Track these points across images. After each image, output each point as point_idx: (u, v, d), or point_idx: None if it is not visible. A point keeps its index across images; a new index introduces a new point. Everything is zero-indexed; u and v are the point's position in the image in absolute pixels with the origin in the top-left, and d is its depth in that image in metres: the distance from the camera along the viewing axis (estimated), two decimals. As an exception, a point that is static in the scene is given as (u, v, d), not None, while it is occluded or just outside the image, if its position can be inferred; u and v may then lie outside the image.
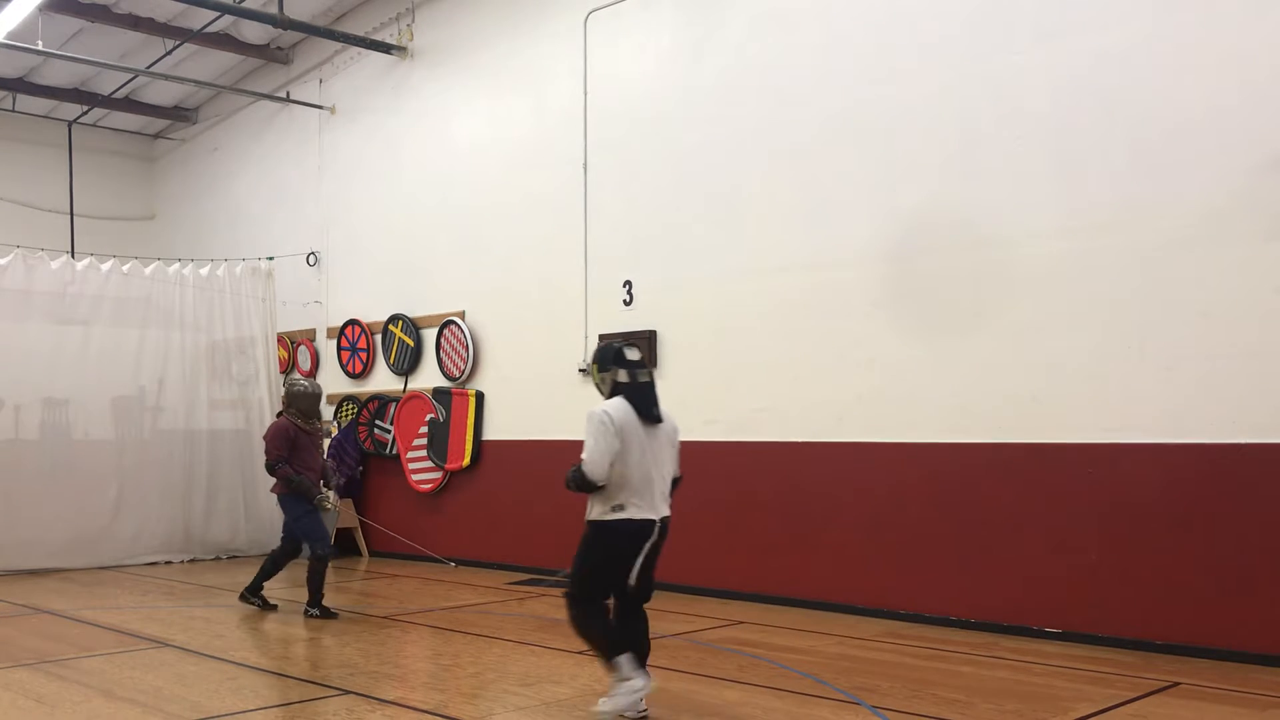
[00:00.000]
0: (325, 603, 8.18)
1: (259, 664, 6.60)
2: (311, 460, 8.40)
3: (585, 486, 5.14)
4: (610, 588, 5.21)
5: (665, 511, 5.22)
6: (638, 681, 4.97)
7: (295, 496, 8.26)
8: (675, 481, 5.40)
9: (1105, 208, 6.82)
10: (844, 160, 8.11)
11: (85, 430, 11.58)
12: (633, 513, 5.09)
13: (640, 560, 5.13)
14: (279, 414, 8.57)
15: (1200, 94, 6.46)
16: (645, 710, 5.06)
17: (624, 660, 5.01)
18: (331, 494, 8.41)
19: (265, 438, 8.40)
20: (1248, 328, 6.27)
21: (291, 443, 8.25)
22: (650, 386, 5.29)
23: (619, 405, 5.16)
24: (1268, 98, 6.22)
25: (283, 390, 8.87)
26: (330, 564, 8.27)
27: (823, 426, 8.19)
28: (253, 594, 8.54)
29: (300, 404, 8.42)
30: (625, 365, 5.26)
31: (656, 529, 5.15)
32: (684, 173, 9.17)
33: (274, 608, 8.46)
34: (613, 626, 5.17)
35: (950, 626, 7.41)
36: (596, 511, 5.18)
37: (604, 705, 5.08)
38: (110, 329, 11.67)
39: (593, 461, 5.06)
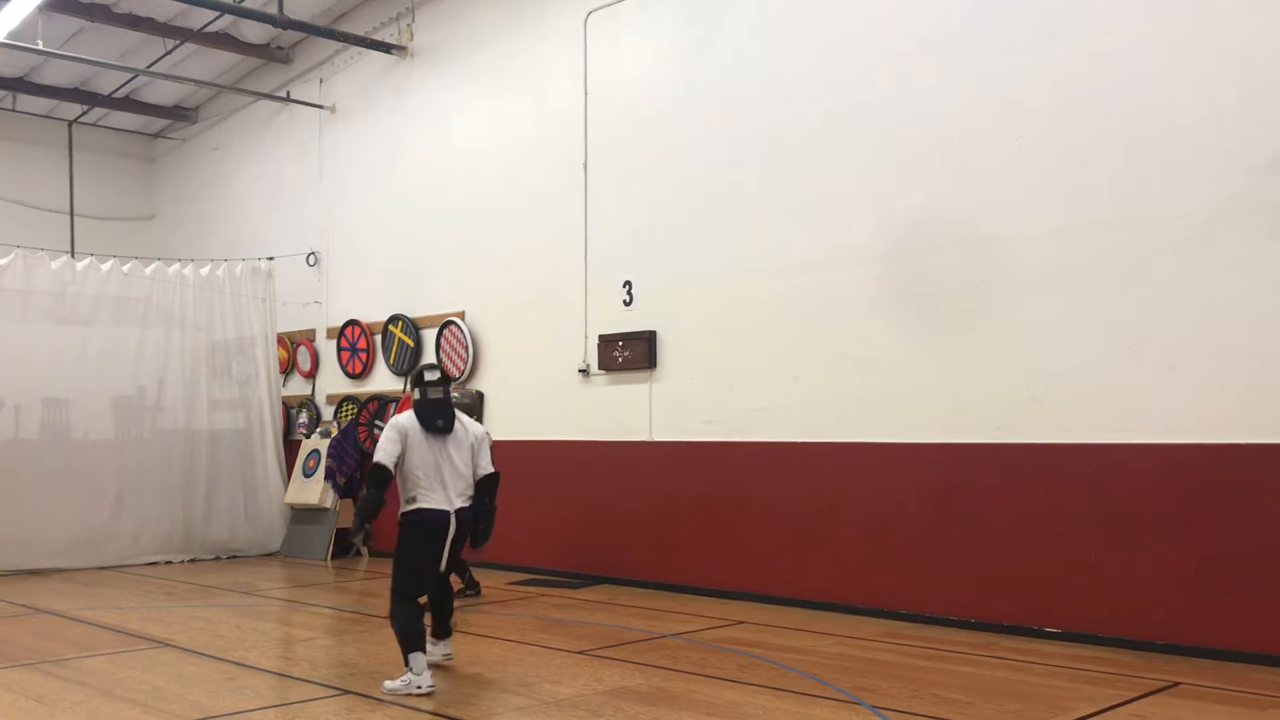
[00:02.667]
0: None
1: (259, 664, 6.59)
2: None
3: (378, 476, 5.95)
4: (426, 574, 6.04)
5: (460, 504, 6.05)
6: (424, 679, 5.74)
7: None
8: (491, 478, 6.22)
9: (1105, 208, 6.82)
10: (844, 160, 8.11)
11: (85, 430, 11.58)
12: (423, 503, 5.98)
13: (447, 548, 6.04)
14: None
15: (1200, 94, 6.46)
16: (433, 686, 5.83)
17: (420, 659, 5.78)
18: None
19: None
20: (1248, 328, 6.27)
21: None
22: (439, 402, 6.13)
23: (408, 416, 6.09)
24: (1267, 98, 6.22)
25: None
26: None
27: (823, 426, 8.19)
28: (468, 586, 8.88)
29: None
30: (420, 385, 6.17)
31: (452, 519, 5.99)
32: (684, 173, 9.17)
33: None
34: (422, 627, 5.92)
35: (950, 626, 7.41)
36: (402, 505, 6.05)
37: (388, 685, 5.81)
38: (110, 329, 11.68)
39: (381, 454, 5.97)
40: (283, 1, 11.27)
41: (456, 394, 8.66)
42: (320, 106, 13.00)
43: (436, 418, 6.07)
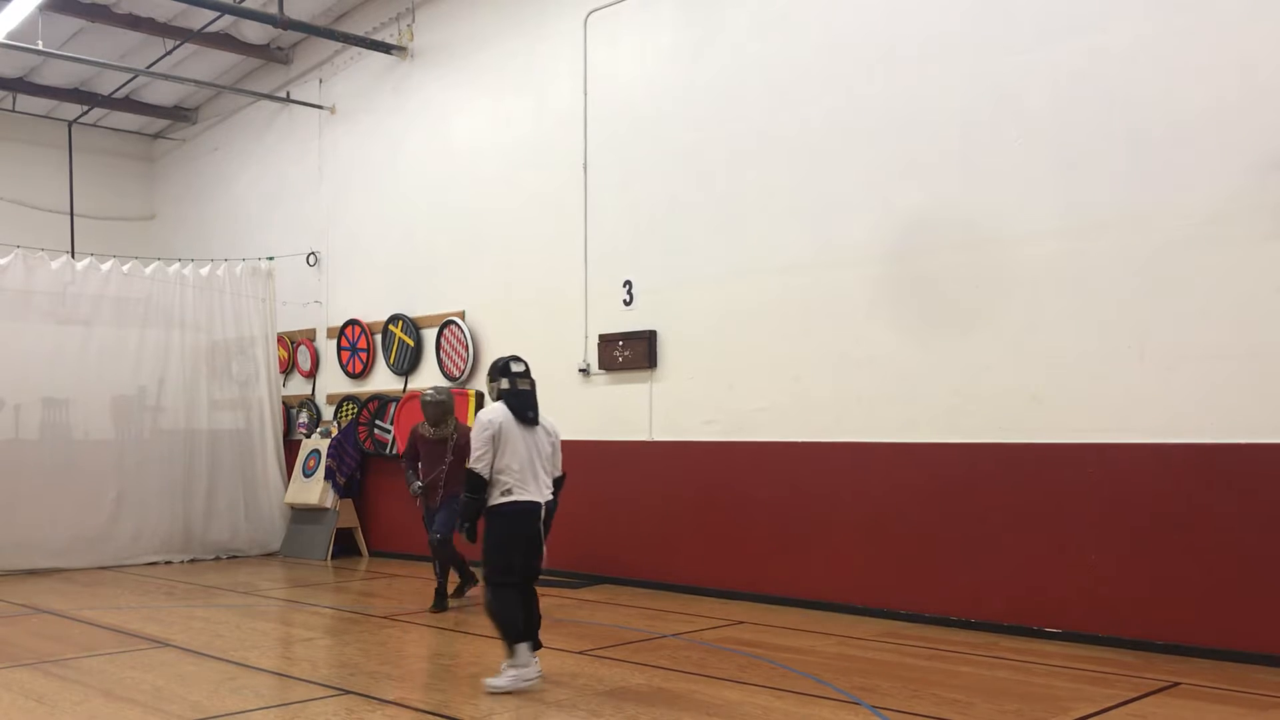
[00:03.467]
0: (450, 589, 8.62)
1: (259, 664, 6.59)
2: (430, 466, 8.64)
3: (475, 483, 5.89)
4: (518, 564, 5.92)
5: (548, 497, 6.02)
6: (530, 671, 5.76)
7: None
8: (559, 481, 6.17)
9: (1105, 207, 6.82)
10: (844, 160, 8.11)
11: (85, 430, 11.58)
12: (519, 495, 5.89)
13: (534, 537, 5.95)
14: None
15: (1200, 94, 6.46)
16: (540, 674, 5.88)
17: (523, 648, 5.77)
18: (417, 484, 8.65)
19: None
20: (1248, 328, 6.27)
21: (413, 448, 8.74)
22: (529, 393, 6.10)
23: (499, 409, 6.01)
24: (1268, 98, 6.22)
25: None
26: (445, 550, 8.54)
27: (823, 426, 8.19)
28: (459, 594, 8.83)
29: (425, 413, 8.71)
30: (508, 375, 6.10)
31: (542, 510, 5.95)
32: (684, 173, 9.17)
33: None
34: (521, 615, 5.87)
35: (950, 626, 7.41)
36: (491, 499, 5.93)
37: (493, 683, 5.74)
38: (110, 329, 11.68)
39: (477, 460, 5.88)
40: (283, 2, 11.27)
41: (431, 392, 8.66)
42: (320, 107, 13.00)
43: (527, 409, 6.02)
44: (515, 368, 6.10)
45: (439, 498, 8.54)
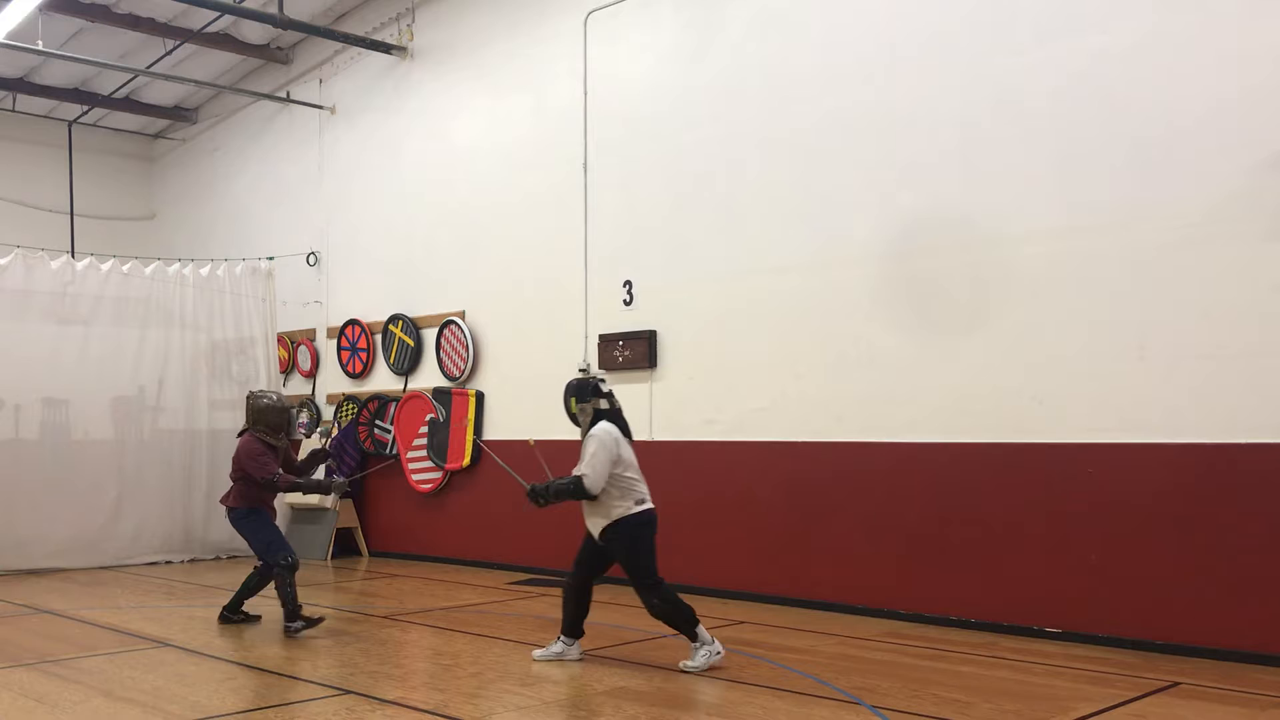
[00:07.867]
0: (306, 612, 7.64)
1: (259, 664, 6.60)
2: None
3: (582, 492, 6.23)
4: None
5: None
6: (716, 644, 6.20)
7: (251, 510, 7.84)
8: None
9: (1105, 208, 6.82)
10: (844, 160, 8.11)
11: (85, 430, 11.57)
12: (649, 503, 6.35)
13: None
14: (241, 432, 8.00)
15: (1200, 94, 6.46)
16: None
17: (702, 629, 6.17)
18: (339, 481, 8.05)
19: (240, 459, 7.79)
20: (1248, 328, 6.27)
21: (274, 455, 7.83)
22: (621, 411, 6.53)
23: (611, 427, 6.34)
24: (1268, 98, 6.22)
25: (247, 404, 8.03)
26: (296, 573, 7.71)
27: (822, 426, 8.19)
28: (233, 611, 7.91)
29: (270, 418, 7.86)
30: (604, 395, 6.46)
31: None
32: (684, 172, 9.17)
33: (257, 618, 7.96)
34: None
35: (950, 626, 7.41)
36: (622, 509, 6.26)
37: (688, 665, 6.12)
38: (110, 329, 11.67)
39: (596, 476, 6.18)
40: (283, 2, 11.27)
41: (275, 395, 8.07)
42: (320, 107, 13.00)
43: (626, 424, 6.49)
44: (605, 388, 6.51)
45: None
